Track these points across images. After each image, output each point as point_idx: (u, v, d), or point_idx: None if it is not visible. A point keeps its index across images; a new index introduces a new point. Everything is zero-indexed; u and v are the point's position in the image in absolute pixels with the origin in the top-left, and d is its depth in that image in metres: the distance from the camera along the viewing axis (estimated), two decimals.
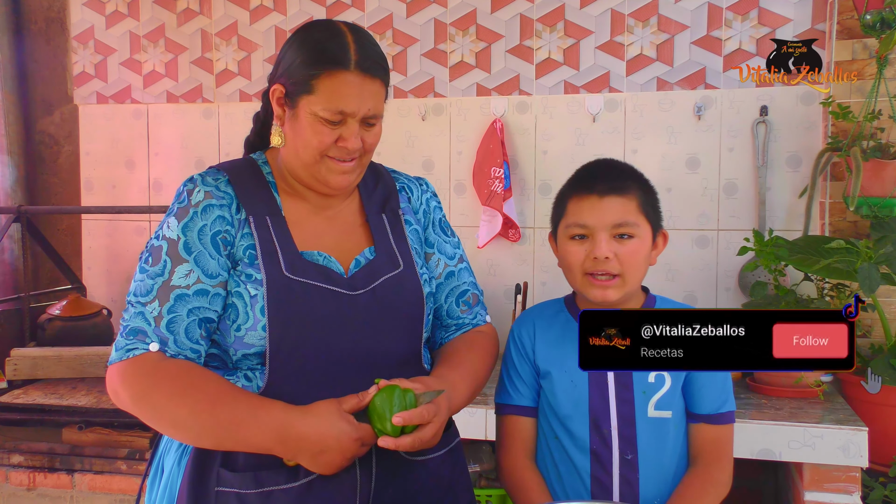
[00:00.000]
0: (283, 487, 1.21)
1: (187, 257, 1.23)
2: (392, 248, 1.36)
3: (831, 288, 2.31)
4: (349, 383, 1.26)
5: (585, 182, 1.40)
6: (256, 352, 1.23)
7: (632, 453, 1.38)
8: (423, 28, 2.92)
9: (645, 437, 1.38)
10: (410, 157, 2.90)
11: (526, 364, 1.47)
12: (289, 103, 1.28)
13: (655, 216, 1.41)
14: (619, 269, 1.35)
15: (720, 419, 1.40)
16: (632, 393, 1.39)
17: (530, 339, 1.48)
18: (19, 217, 2.92)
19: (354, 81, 1.23)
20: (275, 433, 1.16)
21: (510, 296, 2.79)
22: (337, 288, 1.27)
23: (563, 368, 1.43)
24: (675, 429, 1.40)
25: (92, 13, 3.25)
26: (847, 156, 2.32)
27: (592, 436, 1.39)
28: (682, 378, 1.40)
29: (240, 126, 3.08)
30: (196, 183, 1.28)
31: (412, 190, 1.46)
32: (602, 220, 1.36)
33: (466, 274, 1.47)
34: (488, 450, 2.38)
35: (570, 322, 1.47)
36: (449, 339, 1.44)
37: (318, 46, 1.24)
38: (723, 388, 1.41)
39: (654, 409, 1.38)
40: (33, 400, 2.43)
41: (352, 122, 1.24)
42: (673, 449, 1.40)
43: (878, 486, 2.05)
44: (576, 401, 1.41)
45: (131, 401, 1.20)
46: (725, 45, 2.65)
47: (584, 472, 1.40)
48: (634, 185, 1.38)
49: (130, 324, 1.22)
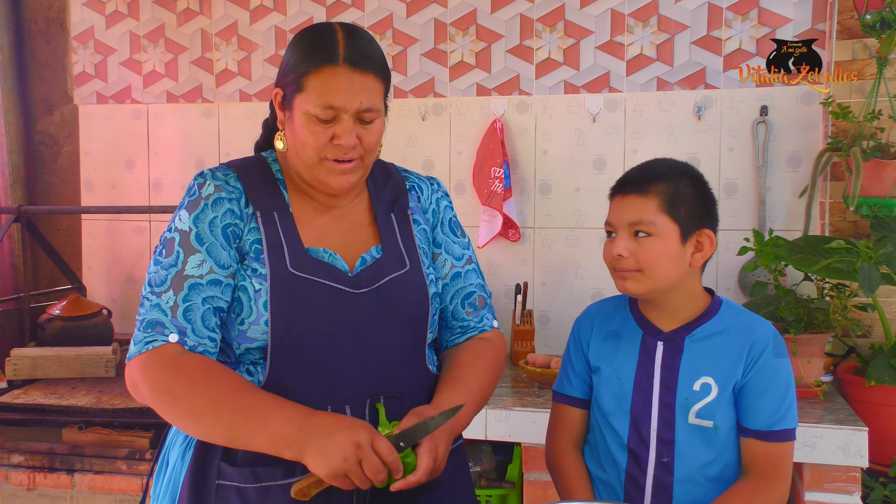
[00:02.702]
0: (280, 483, 1.22)
1: (199, 247, 1.24)
2: (399, 247, 1.36)
3: (831, 288, 2.31)
4: (350, 381, 1.26)
5: (620, 183, 1.42)
6: (259, 346, 1.24)
7: (668, 457, 1.37)
8: (423, 28, 2.92)
9: (683, 442, 1.37)
10: (410, 157, 2.90)
11: (580, 357, 1.51)
12: (285, 105, 1.28)
13: (691, 216, 1.37)
14: (637, 265, 1.36)
15: (774, 437, 1.35)
16: (674, 397, 1.38)
17: (587, 333, 1.51)
18: (19, 217, 2.92)
19: (343, 75, 1.22)
20: (297, 419, 1.15)
21: (510, 296, 2.79)
22: (341, 285, 1.27)
23: (612, 365, 1.44)
24: (718, 440, 1.37)
25: (92, 13, 3.25)
26: (847, 156, 2.32)
27: (632, 434, 1.40)
28: (732, 389, 1.37)
29: (240, 126, 3.08)
30: (206, 177, 1.29)
31: (422, 189, 1.46)
32: (621, 219, 1.38)
33: (474, 276, 1.46)
34: (488, 450, 2.38)
35: (628, 319, 1.47)
36: (455, 343, 1.43)
37: (307, 46, 1.25)
38: (781, 404, 1.35)
39: (695, 417, 1.37)
40: (33, 400, 2.43)
41: (345, 118, 1.24)
42: (715, 459, 1.37)
43: (878, 486, 2.06)
44: (619, 398, 1.42)
45: (150, 392, 1.20)
46: (725, 45, 2.65)
47: (621, 468, 1.41)
48: (662, 186, 1.37)
49: (147, 317, 1.23)
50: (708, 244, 1.39)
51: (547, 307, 2.82)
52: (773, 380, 1.35)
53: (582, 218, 2.76)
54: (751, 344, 1.36)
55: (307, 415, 1.16)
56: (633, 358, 1.42)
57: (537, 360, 2.39)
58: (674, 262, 1.36)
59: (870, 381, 2.13)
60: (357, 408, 1.27)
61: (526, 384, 2.41)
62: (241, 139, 3.06)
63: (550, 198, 2.79)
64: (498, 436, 2.18)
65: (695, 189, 1.40)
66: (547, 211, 2.81)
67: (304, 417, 1.15)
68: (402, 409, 1.26)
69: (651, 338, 1.42)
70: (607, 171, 2.71)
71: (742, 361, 1.35)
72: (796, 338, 2.14)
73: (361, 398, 1.28)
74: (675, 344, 1.40)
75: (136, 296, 3.20)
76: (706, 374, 1.37)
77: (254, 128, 1.46)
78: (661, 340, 1.41)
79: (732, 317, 1.41)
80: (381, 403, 1.28)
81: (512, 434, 2.18)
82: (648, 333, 1.42)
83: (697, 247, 1.38)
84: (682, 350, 1.39)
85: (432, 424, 1.20)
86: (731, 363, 1.36)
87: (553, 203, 2.80)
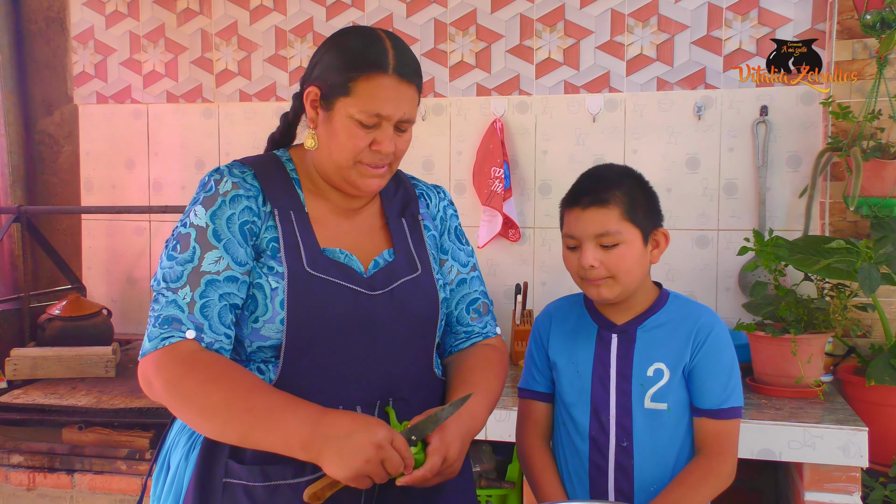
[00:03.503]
0: (290, 482, 1.21)
1: (216, 244, 1.24)
2: (411, 251, 1.37)
3: (831, 288, 2.31)
4: (361, 382, 1.27)
5: (574, 195, 1.48)
6: (272, 344, 1.24)
7: (627, 441, 1.45)
8: (423, 28, 2.92)
9: (641, 426, 1.45)
10: (410, 157, 2.86)
11: (541, 353, 1.58)
12: (324, 105, 1.28)
13: (647, 218, 1.45)
14: (608, 272, 1.43)
15: (722, 414, 1.44)
16: (630, 384, 1.45)
17: (546, 330, 1.58)
18: (19, 217, 2.92)
19: (392, 85, 1.25)
20: (311, 418, 1.14)
21: (510, 296, 2.79)
22: (356, 287, 1.28)
23: (570, 359, 1.52)
24: (674, 421, 1.45)
25: (92, 13, 3.25)
26: (847, 156, 2.31)
27: (592, 423, 1.48)
28: (682, 371, 1.45)
29: (240, 126, 3.08)
30: (223, 174, 1.29)
31: (430, 197, 1.50)
32: (585, 231, 1.44)
33: (478, 282, 1.49)
34: (488, 450, 2.38)
35: (584, 316, 1.55)
36: (458, 348, 1.45)
37: (357, 50, 1.26)
38: (727, 384, 1.44)
39: (650, 401, 1.45)
40: (33, 400, 2.43)
41: (387, 126, 1.26)
42: (671, 439, 1.45)
43: (878, 486, 2.05)
44: (579, 390, 1.50)
45: (164, 388, 1.19)
46: (725, 45, 2.65)
47: (584, 457, 1.49)
48: (618, 194, 1.43)
49: (163, 313, 1.21)
50: (663, 241, 1.49)
51: None
52: (717, 362, 1.44)
53: None
54: (696, 330, 1.45)
55: (321, 414, 1.15)
56: (590, 350, 1.50)
57: None
58: (640, 263, 1.45)
59: (870, 381, 2.13)
60: (367, 409, 1.27)
61: None
62: (241, 139, 3.05)
63: (550, 198, 2.79)
64: (498, 436, 2.18)
65: (644, 191, 1.48)
66: (547, 211, 2.81)
67: (318, 417, 1.14)
68: (410, 412, 1.26)
69: (606, 331, 1.50)
70: None
71: (689, 346, 1.45)
72: (796, 338, 2.14)
73: (371, 399, 1.28)
74: (628, 335, 1.49)
75: (136, 296, 3.22)
76: (658, 360, 1.46)
77: (254, 128, 1.46)
78: (616, 333, 1.49)
79: (680, 306, 1.51)
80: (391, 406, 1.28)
81: (512, 434, 2.16)
82: (603, 327, 1.51)
83: (654, 244, 1.48)
84: (635, 340, 1.48)
85: (442, 415, 1.21)
86: (680, 348, 1.45)
87: (553, 203, 2.76)
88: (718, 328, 1.46)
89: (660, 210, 1.50)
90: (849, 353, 2.42)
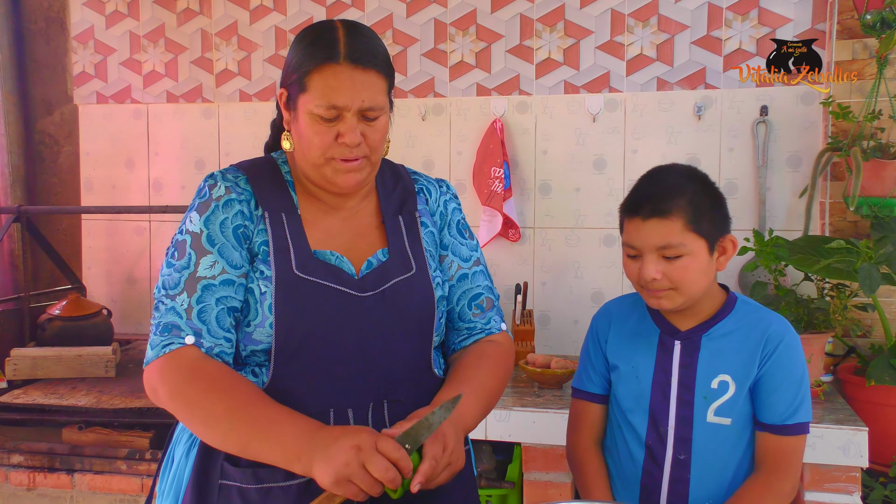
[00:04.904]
0: (281, 485, 1.22)
1: (211, 249, 1.24)
2: (406, 250, 1.35)
3: (831, 288, 2.31)
4: (353, 385, 1.26)
5: (633, 203, 1.39)
6: (263, 348, 1.24)
7: (685, 454, 1.39)
8: (423, 28, 2.92)
9: (701, 440, 1.38)
10: (410, 157, 2.90)
11: (599, 354, 1.52)
12: (289, 105, 1.28)
13: (713, 227, 1.37)
14: (670, 284, 1.36)
15: (787, 430, 1.36)
16: (692, 395, 1.39)
17: (605, 330, 1.52)
18: (19, 217, 2.92)
19: (345, 73, 1.21)
20: (307, 432, 1.13)
21: (510, 296, 2.78)
22: (346, 288, 1.27)
23: (630, 363, 1.46)
24: (736, 436, 1.39)
25: (92, 13, 3.25)
26: (847, 156, 2.32)
27: (650, 431, 1.42)
28: (748, 385, 1.38)
29: (240, 126, 3.08)
30: (216, 179, 1.29)
31: (430, 192, 1.45)
32: (647, 243, 1.36)
33: (481, 277, 1.45)
34: (488, 450, 2.38)
35: (645, 318, 1.48)
36: (461, 345, 1.42)
37: (307, 44, 1.24)
38: (794, 398, 1.37)
39: (713, 415, 1.38)
40: (33, 400, 2.43)
41: (348, 117, 1.22)
42: (732, 455, 1.39)
43: (878, 486, 2.06)
44: (638, 396, 1.44)
45: (168, 396, 1.19)
46: (725, 45, 2.65)
47: (639, 464, 1.43)
48: (681, 203, 1.34)
49: (163, 320, 1.22)
50: (731, 247, 1.40)
51: (547, 307, 2.82)
52: (787, 374, 1.37)
53: (582, 218, 2.76)
54: (766, 339, 1.37)
55: (317, 429, 1.14)
56: (651, 356, 1.43)
57: (537, 360, 2.39)
58: (705, 274, 1.37)
59: (870, 381, 2.13)
60: (360, 412, 1.27)
61: (526, 384, 2.41)
62: (241, 139, 3.06)
63: (550, 198, 2.79)
64: (498, 436, 2.18)
65: (709, 196, 1.39)
66: (547, 211, 2.81)
67: (314, 431, 1.14)
68: (404, 413, 1.25)
69: (668, 336, 1.43)
70: (607, 171, 2.71)
71: (757, 357, 1.37)
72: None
73: (365, 402, 1.27)
74: (692, 342, 1.41)
75: (136, 296, 3.22)
76: (724, 372, 1.38)
77: (254, 128, 1.46)
78: (679, 339, 1.42)
79: (748, 313, 1.42)
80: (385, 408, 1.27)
81: (512, 434, 2.18)
82: (665, 332, 1.43)
83: (721, 251, 1.40)
84: (699, 348, 1.40)
85: (434, 420, 1.16)
86: (747, 360, 1.37)
87: (553, 203, 2.80)
88: (789, 338, 1.38)
89: (727, 215, 1.41)
90: (849, 353, 2.42)
